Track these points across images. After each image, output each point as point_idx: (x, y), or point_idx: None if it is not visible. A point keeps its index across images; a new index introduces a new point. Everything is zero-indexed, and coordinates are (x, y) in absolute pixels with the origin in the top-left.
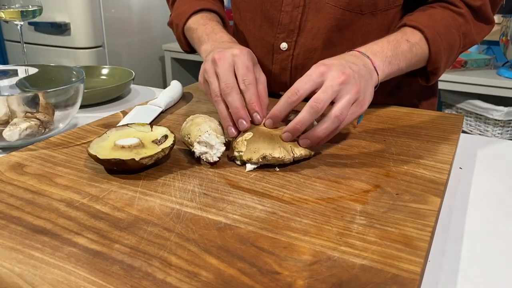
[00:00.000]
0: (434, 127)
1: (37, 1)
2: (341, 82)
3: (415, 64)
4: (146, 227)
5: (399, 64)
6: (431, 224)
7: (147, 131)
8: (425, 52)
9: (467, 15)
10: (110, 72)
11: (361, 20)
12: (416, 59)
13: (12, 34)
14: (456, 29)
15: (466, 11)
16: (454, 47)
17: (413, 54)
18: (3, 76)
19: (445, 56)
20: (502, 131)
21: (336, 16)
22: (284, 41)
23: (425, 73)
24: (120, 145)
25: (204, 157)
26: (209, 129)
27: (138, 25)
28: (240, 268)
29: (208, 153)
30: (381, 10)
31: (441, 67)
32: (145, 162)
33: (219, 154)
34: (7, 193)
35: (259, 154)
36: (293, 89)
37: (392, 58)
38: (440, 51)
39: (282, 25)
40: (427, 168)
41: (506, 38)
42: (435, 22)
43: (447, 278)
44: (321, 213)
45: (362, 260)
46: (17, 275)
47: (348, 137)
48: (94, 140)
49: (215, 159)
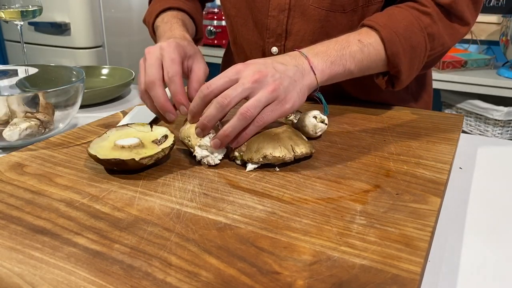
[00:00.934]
0: (434, 127)
1: (37, 1)
2: (254, 81)
3: (369, 66)
4: (146, 227)
5: (345, 65)
6: (431, 224)
7: (147, 131)
8: (381, 54)
9: (435, 14)
10: (110, 72)
11: (344, 19)
12: (368, 60)
13: (12, 34)
14: (420, 30)
15: (434, 10)
16: (418, 49)
17: (364, 55)
18: (3, 76)
19: (406, 58)
20: (502, 131)
21: (320, 18)
22: (274, 45)
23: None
24: (120, 145)
25: (205, 160)
26: (210, 132)
27: (138, 25)
28: (240, 268)
29: (210, 156)
30: (362, 6)
31: (403, 70)
32: (145, 162)
33: (220, 157)
34: (7, 193)
35: (260, 154)
36: (206, 84)
37: (337, 58)
38: (399, 52)
39: (270, 30)
40: (427, 168)
41: (506, 38)
42: (394, 22)
43: (447, 278)
44: (321, 213)
45: (362, 260)
46: (17, 275)
47: (348, 137)
48: (94, 140)
49: (216, 162)
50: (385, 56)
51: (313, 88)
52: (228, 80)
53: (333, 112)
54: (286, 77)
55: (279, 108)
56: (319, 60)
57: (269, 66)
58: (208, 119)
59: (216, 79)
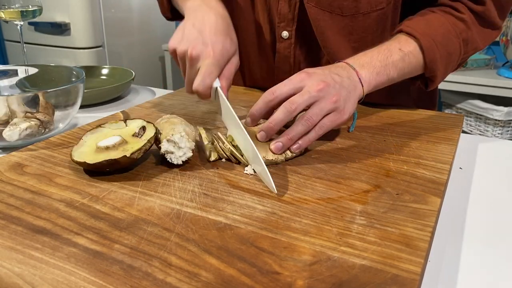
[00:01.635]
0: (434, 127)
1: (37, 1)
2: (320, 89)
3: (409, 73)
4: (146, 227)
5: (389, 74)
6: (431, 224)
7: (122, 127)
8: (420, 61)
9: (469, 20)
10: (110, 72)
11: (342, 22)
12: (409, 68)
13: (12, 34)
14: (456, 36)
15: (468, 16)
16: (453, 55)
17: (405, 64)
18: (3, 76)
19: (442, 64)
20: (502, 131)
21: (317, 17)
22: (284, 29)
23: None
24: (104, 146)
25: (168, 157)
26: (183, 131)
27: (138, 25)
28: (240, 268)
29: (174, 154)
30: (363, 13)
31: (439, 75)
32: (135, 156)
33: (184, 158)
34: (7, 193)
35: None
36: (271, 90)
37: (381, 68)
38: (436, 59)
39: (281, 15)
40: (427, 168)
41: (506, 38)
42: (433, 30)
43: (447, 278)
44: (321, 213)
45: (362, 260)
46: (17, 275)
47: (348, 137)
48: (73, 148)
49: (178, 162)
50: (423, 62)
51: (360, 98)
52: (293, 87)
53: None
54: (343, 89)
55: (338, 118)
56: (366, 71)
57: (329, 76)
58: (275, 122)
59: (281, 86)
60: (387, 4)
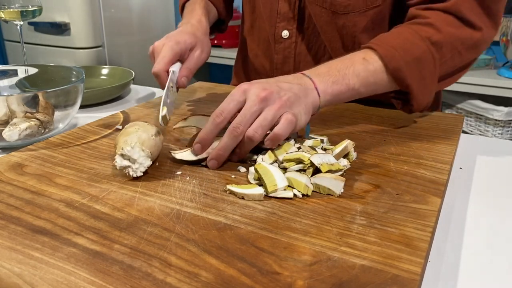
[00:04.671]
0: (434, 127)
1: (37, 1)
2: (262, 99)
3: (376, 83)
4: (146, 227)
5: (349, 83)
6: (431, 224)
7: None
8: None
9: (437, 23)
10: (110, 72)
11: (340, 20)
12: (374, 77)
13: (12, 34)
14: (421, 40)
15: (436, 19)
16: (424, 60)
17: (369, 73)
18: (3, 76)
19: (412, 71)
20: (502, 131)
21: (317, 14)
22: (285, 29)
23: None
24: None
25: (126, 171)
26: (136, 141)
27: (138, 25)
28: (240, 269)
29: (131, 167)
30: (359, 11)
31: (412, 83)
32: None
33: (142, 169)
34: (7, 193)
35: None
36: (217, 111)
37: (339, 77)
38: (401, 66)
39: (281, 14)
40: (427, 168)
41: (506, 38)
42: (390, 39)
43: (447, 278)
44: (321, 213)
45: (362, 261)
46: (17, 275)
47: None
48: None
49: (138, 174)
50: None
51: (316, 107)
52: (237, 103)
53: (333, 112)
54: (291, 94)
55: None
56: (321, 80)
57: (273, 84)
58: (224, 149)
59: (225, 104)
60: (382, 1)
